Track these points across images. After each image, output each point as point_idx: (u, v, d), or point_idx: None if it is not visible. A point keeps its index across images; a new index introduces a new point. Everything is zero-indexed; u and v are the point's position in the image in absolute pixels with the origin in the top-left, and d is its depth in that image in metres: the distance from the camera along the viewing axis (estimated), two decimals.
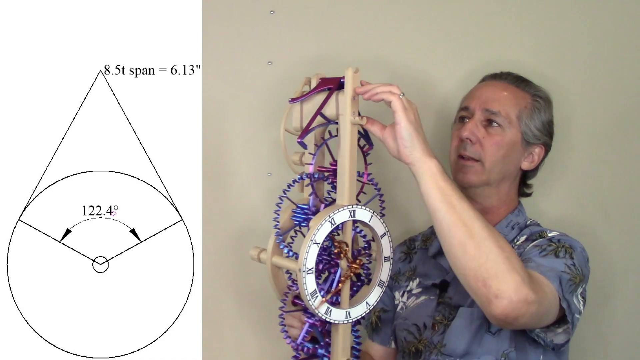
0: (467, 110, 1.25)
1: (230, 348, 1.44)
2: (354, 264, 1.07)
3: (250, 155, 1.43)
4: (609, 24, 1.44)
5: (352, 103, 1.05)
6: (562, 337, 1.12)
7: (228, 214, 1.43)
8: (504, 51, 1.43)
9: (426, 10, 1.45)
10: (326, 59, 1.43)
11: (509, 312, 0.97)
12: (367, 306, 1.09)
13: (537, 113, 1.24)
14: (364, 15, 1.44)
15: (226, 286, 1.43)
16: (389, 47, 1.44)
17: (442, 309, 1.22)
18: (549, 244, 1.14)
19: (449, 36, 1.44)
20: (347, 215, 1.05)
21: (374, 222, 1.07)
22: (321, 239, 1.03)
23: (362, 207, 1.06)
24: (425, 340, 1.22)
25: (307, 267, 1.02)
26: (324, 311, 1.05)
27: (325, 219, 1.03)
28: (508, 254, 0.99)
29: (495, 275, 0.97)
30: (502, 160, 1.22)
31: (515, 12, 1.44)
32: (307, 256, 1.02)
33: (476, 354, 1.15)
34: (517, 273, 0.98)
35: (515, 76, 1.27)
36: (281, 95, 1.43)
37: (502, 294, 0.97)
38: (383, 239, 1.09)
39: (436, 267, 1.28)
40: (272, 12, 1.42)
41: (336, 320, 1.06)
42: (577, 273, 1.10)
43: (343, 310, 1.07)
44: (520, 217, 1.26)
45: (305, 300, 1.03)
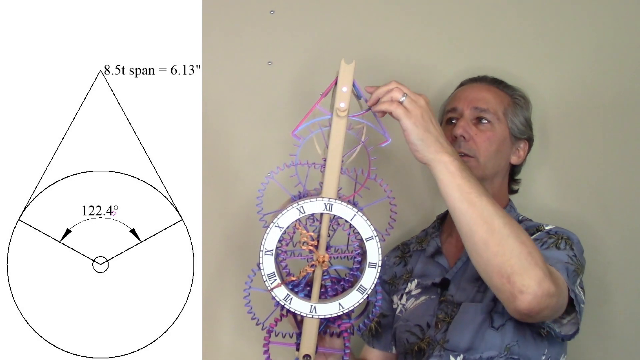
0: (455, 111, 1.28)
1: (230, 348, 1.44)
2: (321, 256, 1.06)
3: (251, 155, 1.43)
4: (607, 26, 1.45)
5: (340, 94, 1.03)
6: (569, 328, 1.13)
7: (228, 214, 1.43)
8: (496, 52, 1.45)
9: (426, 10, 1.45)
10: (326, 59, 1.43)
11: (534, 307, 0.98)
12: (340, 307, 1.06)
13: (519, 109, 1.28)
14: (364, 15, 1.44)
15: (226, 286, 1.43)
16: (389, 47, 1.44)
17: (444, 307, 1.22)
18: (549, 237, 1.16)
19: (445, 36, 1.45)
20: (320, 207, 1.03)
21: (357, 221, 1.04)
22: (285, 223, 1.03)
23: (343, 204, 1.04)
24: (428, 338, 1.22)
25: (265, 248, 1.03)
26: (283, 297, 1.05)
27: (294, 205, 1.03)
28: (530, 248, 1.00)
29: (520, 271, 0.98)
30: (495, 155, 1.25)
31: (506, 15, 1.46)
32: (266, 237, 1.03)
33: (479, 348, 1.15)
34: (540, 268, 0.99)
35: (492, 78, 1.32)
36: (281, 95, 1.44)
37: (527, 289, 0.98)
38: (369, 242, 1.04)
39: (435, 267, 1.28)
40: (272, 12, 1.42)
41: (297, 310, 1.05)
42: (579, 264, 1.13)
43: (308, 303, 1.06)
44: (513, 212, 1.28)
45: (263, 280, 1.04)
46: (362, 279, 1.06)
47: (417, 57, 1.45)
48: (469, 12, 1.46)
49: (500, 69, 1.37)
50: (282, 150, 1.44)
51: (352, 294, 1.06)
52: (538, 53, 1.45)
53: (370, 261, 1.05)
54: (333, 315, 1.07)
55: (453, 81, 1.37)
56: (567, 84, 1.45)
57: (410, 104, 1.03)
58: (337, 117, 1.03)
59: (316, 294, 1.08)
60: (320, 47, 1.43)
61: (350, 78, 1.04)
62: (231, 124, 1.42)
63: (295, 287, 1.07)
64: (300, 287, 1.07)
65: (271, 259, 1.04)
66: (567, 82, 1.45)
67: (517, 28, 1.46)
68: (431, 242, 1.31)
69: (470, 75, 1.34)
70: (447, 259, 1.27)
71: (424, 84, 1.44)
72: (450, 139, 1.25)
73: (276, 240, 1.04)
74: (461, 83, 1.35)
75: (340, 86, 1.03)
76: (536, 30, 1.45)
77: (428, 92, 1.42)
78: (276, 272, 1.05)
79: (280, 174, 1.10)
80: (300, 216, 1.04)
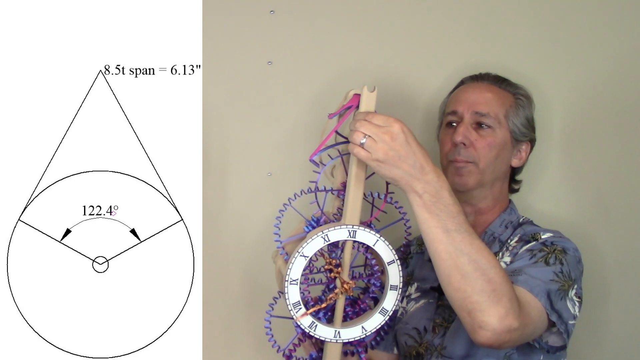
0: (455, 114, 1.26)
1: (230, 348, 1.44)
2: (345, 284, 1.06)
3: (250, 155, 1.43)
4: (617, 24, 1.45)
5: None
6: (556, 339, 1.13)
7: (228, 214, 1.43)
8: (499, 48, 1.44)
9: (426, 4, 1.45)
10: (326, 59, 1.43)
11: (493, 342, 0.99)
12: (363, 331, 1.07)
13: (521, 110, 1.26)
14: (364, 15, 1.44)
15: (226, 286, 1.43)
16: (389, 46, 1.44)
17: (441, 311, 1.22)
18: (541, 249, 1.15)
19: (446, 30, 1.45)
20: (345, 234, 1.03)
21: (379, 247, 1.05)
22: (310, 252, 1.02)
23: (366, 230, 1.04)
24: (426, 343, 1.22)
25: (291, 278, 1.03)
26: (308, 324, 1.04)
27: (319, 234, 1.02)
28: (495, 285, 0.99)
29: (480, 308, 0.99)
30: (495, 161, 1.23)
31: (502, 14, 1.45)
32: (292, 267, 1.02)
33: (477, 356, 1.15)
34: (502, 305, 0.98)
35: (494, 76, 1.29)
36: (281, 95, 1.44)
37: (487, 326, 0.98)
38: (391, 266, 1.05)
39: (433, 271, 1.28)
40: (272, 12, 1.42)
41: (322, 336, 1.05)
42: (566, 279, 1.11)
43: (332, 329, 1.06)
44: (513, 215, 1.27)
45: (288, 310, 1.03)
46: (384, 301, 1.07)
47: (417, 53, 1.44)
48: (472, 4, 1.44)
49: (502, 65, 1.36)
50: (282, 151, 1.44)
51: (375, 317, 1.07)
52: (544, 50, 1.44)
53: (391, 284, 1.06)
54: (356, 339, 1.07)
55: (453, 77, 1.36)
56: (573, 83, 1.44)
57: (372, 145, 0.98)
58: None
59: (339, 319, 1.08)
60: (320, 47, 1.43)
61: (372, 105, 1.03)
62: (231, 124, 1.42)
63: (316, 313, 1.07)
64: (322, 313, 1.08)
65: (296, 288, 1.03)
66: (574, 81, 1.44)
67: (521, 23, 1.44)
68: None
69: (471, 72, 1.32)
70: None
71: (424, 80, 1.44)
72: (450, 145, 1.24)
73: (302, 270, 1.03)
74: (462, 81, 1.32)
75: (362, 114, 1.01)
76: (541, 26, 1.44)
77: (428, 89, 1.43)
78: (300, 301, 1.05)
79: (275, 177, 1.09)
80: (325, 244, 1.03)
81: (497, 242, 1.23)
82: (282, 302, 1.12)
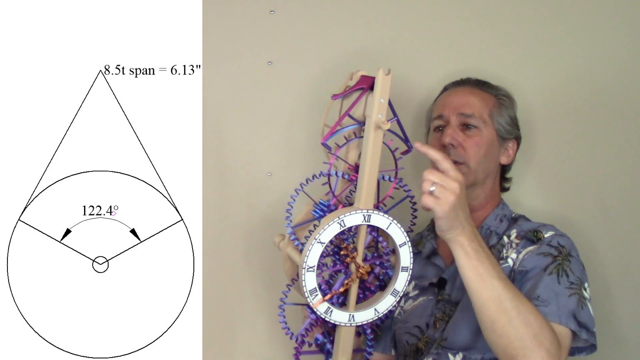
0: (441, 118, 1.29)
1: (230, 348, 1.44)
2: (360, 268, 1.06)
3: (250, 155, 1.43)
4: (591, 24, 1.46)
5: (379, 106, 1.02)
6: (580, 342, 1.16)
7: (228, 214, 1.43)
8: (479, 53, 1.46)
9: (425, 10, 1.46)
10: (326, 59, 1.43)
11: None
12: (376, 313, 1.08)
13: (504, 109, 1.30)
14: (364, 15, 1.45)
15: (226, 286, 1.43)
16: (389, 46, 1.45)
17: (442, 306, 1.23)
18: (548, 252, 1.17)
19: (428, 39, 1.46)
20: (360, 219, 1.03)
21: (392, 230, 1.06)
22: (327, 239, 1.02)
23: (380, 213, 1.04)
24: (427, 337, 1.23)
25: (308, 265, 1.02)
26: (324, 310, 1.05)
27: (335, 220, 1.02)
28: (536, 329, 1.03)
29: (523, 354, 1.03)
30: (484, 159, 1.26)
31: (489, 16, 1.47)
32: (309, 254, 1.02)
33: (482, 349, 1.16)
34: (544, 348, 1.03)
35: (475, 80, 1.33)
36: (281, 95, 1.44)
37: None
38: (402, 248, 1.07)
39: (432, 267, 1.30)
40: (272, 12, 1.42)
41: (337, 321, 1.06)
42: (579, 283, 1.15)
43: (347, 312, 1.06)
44: (506, 209, 1.31)
45: (305, 297, 1.03)
46: (395, 282, 1.07)
47: (417, 56, 1.46)
48: (452, 14, 1.46)
49: (484, 69, 1.38)
50: (282, 151, 1.44)
51: (387, 298, 1.08)
52: (522, 52, 1.46)
53: (403, 265, 1.07)
54: (370, 321, 1.08)
55: (437, 86, 1.38)
56: (551, 82, 1.46)
57: (441, 192, 1.03)
58: (377, 128, 1.02)
59: (353, 303, 1.08)
60: (320, 47, 1.43)
61: (388, 89, 1.02)
62: (231, 124, 1.42)
63: (330, 298, 1.07)
64: (335, 298, 1.08)
65: (313, 275, 1.03)
66: (552, 81, 1.46)
67: (500, 28, 1.47)
68: (427, 244, 1.33)
69: (454, 78, 1.35)
70: (443, 259, 1.29)
71: (411, 89, 1.44)
72: (439, 147, 1.26)
73: (318, 256, 1.03)
74: (445, 87, 1.35)
75: (379, 97, 1.02)
76: (519, 29, 1.46)
77: (414, 97, 1.45)
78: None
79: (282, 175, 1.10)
80: (341, 229, 1.03)
81: (495, 235, 1.26)
82: (282, 288, 1.12)
